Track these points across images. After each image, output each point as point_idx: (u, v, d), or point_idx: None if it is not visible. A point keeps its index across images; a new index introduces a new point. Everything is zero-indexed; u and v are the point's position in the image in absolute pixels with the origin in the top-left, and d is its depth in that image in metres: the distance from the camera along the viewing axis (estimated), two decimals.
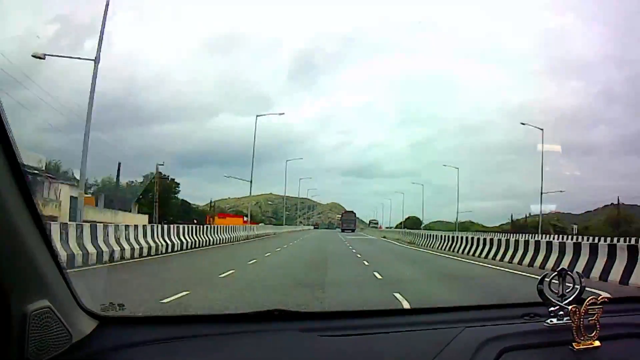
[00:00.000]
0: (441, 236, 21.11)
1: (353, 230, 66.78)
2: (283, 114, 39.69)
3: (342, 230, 66.09)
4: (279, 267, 11.45)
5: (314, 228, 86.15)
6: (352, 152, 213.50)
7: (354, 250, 19.18)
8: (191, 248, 16.41)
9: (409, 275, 10.53)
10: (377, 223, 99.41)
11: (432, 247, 21.51)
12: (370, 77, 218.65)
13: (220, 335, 1.29)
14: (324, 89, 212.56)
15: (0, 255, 0.89)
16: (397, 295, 6.50)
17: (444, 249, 19.29)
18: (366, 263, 12.71)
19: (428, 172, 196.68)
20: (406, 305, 5.70)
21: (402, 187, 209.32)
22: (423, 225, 66.99)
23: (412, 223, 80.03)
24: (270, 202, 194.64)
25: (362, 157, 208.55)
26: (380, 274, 9.60)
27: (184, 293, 6.23)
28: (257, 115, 33.24)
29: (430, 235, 24.61)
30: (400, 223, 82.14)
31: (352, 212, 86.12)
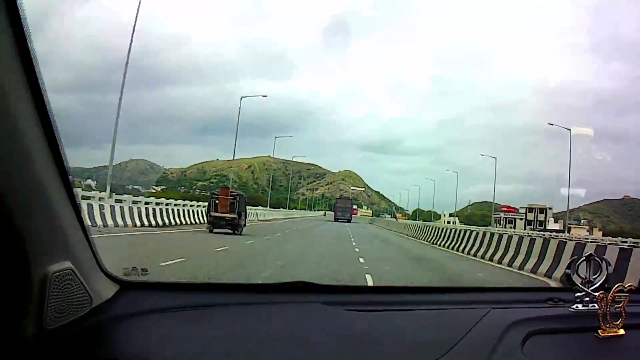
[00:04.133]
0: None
1: (349, 221, 66.80)
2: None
3: (336, 220, 66.27)
4: None
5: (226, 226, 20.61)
6: (376, 125, 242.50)
7: None
8: None
9: None
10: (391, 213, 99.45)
11: None
12: (404, 45, 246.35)
13: (243, 304, 1.53)
14: (354, 56, 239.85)
15: (25, 214, 1.02)
16: None
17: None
18: None
19: (452, 151, 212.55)
20: None
21: (423, 165, 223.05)
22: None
23: None
24: (267, 168, 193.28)
25: (385, 131, 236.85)
26: None
27: None
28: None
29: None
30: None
31: (348, 198, 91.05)
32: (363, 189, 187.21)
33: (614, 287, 1.58)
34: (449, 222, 79.23)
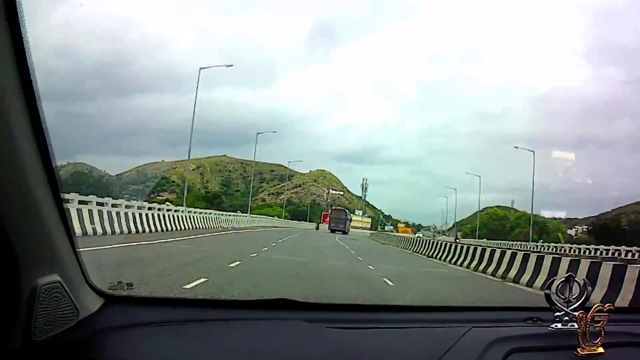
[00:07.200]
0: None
1: (344, 232, 72.12)
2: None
3: (332, 231, 71.86)
4: None
5: None
6: (355, 135, 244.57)
7: None
8: None
9: None
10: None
11: None
12: (389, 53, 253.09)
13: (227, 320, 1.69)
14: (335, 65, 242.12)
15: (16, 227, 1.11)
16: None
17: None
18: None
19: (430, 160, 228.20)
20: None
21: (400, 175, 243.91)
22: None
23: None
24: (220, 169, 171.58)
25: (364, 141, 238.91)
26: None
27: None
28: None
29: None
30: None
31: (343, 210, 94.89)
32: (342, 193, 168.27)
33: (594, 307, 1.78)
34: None
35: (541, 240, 61.27)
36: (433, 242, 30.27)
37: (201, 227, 31.40)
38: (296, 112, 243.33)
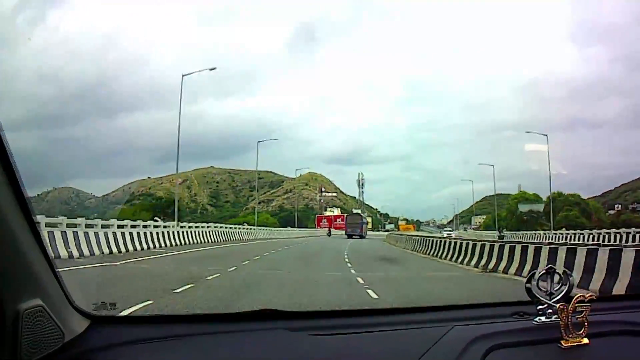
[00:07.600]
0: None
1: (362, 237, 69.11)
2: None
3: (349, 237, 68.49)
4: None
5: None
6: (343, 137, 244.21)
7: None
8: None
9: None
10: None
11: None
12: (373, 53, 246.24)
13: (211, 334, 1.73)
14: (320, 69, 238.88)
15: None
16: None
17: None
18: None
19: (422, 155, 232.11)
20: None
21: (391, 173, 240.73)
22: None
23: None
24: (207, 181, 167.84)
25: (353, 141, 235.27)
26: None
27: None
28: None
29: None
30: None
31: (357, 214, 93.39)
32: (335, 194, 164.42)
33: (575, 298, 1.77)
34: None
35: None
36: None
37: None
38: (283, 118, 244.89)
